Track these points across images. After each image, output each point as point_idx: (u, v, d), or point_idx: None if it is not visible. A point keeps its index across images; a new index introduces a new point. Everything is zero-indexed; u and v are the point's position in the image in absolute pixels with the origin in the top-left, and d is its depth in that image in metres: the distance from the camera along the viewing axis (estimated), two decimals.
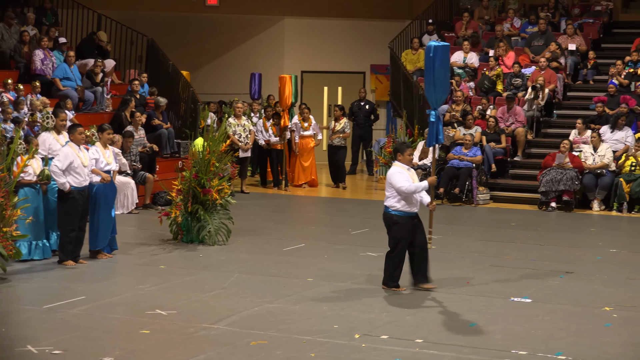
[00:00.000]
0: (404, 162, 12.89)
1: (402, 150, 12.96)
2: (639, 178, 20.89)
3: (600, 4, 27.56)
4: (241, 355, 10.03)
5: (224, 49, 29.92)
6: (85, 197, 14.46)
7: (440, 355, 10.15)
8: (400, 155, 12.93)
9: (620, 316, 11.95)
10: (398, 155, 12.98)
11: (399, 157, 12.93)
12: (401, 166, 12.80)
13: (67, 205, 14.25)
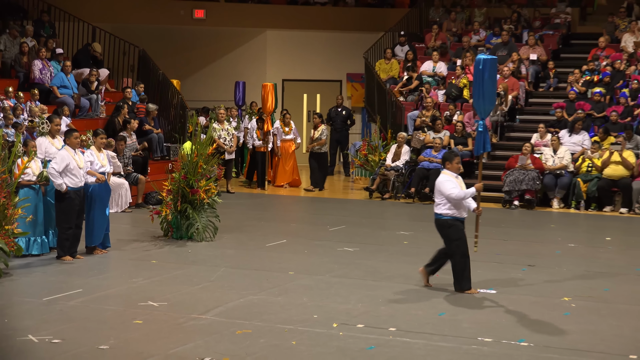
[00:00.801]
0: (453, 170, 12.61)
1: (451, 159, 12.71)
2: (595, 178, 20.99)
3: (559, 16, 27.65)
4: (227, 344, 10.04)
5: (210, 59, 29.91)
6: (81, 197, 14.47)
7: (412, 342, 10.18)
8: (449, 164, 12.67)
9: (578, 306, 12.00)
10: (447, 164, 12.71)
11: (448, 165, 12.68)
12: (450, 174, 12.54)
13: (64, 205, 14.26)
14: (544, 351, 9.97)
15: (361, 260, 14.83)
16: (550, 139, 21.88)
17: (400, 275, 13.73)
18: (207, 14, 28.18)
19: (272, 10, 29.14)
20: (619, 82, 23.83)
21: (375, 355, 9.72)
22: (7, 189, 13.24)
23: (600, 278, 13.75)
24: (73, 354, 9.62)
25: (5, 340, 10.10)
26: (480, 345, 10.12)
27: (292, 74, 29.56)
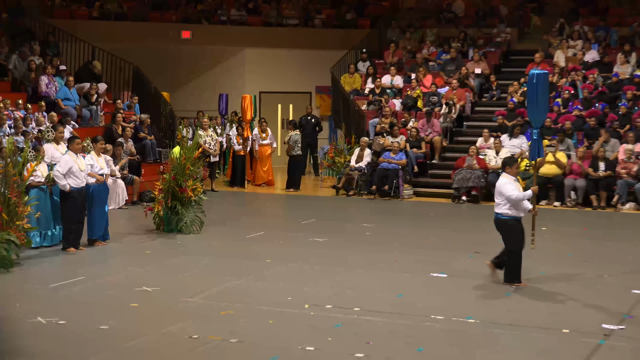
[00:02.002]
0: (512, 174, 12.20)
1: (511, 164, 12.34)
2: (532, 176, 21.04)
3: (500, 36, 27.73)
4: (212, 323, 10.04)
5: (196, 74, 29.83)
6: (83, 195, 14.45)
7: (374, 320, 10.21)
8: (508, 168, 12.24)
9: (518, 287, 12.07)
10: (507, 168, 12.27)
11: (507, 169, 12.24)
12: (509, 177, 12.14)
13: (68, 203, 14.26)
14: (489, 327, 10.02)
15: (329, 250, 14.84)
16: (493, 142, 21.96)
17: (363, 262, 13.74)
18: (193, 34, 28.10)
19: (250, 31, 29.08)
20: (552, 93, 23.93)
21: (342, 332, 9.74)
22: (18, 189, 13.22)
23: (537, 263, 13.79)
24: (77, 334, 9.60)
25: (17, 322, 10.08)
26: (433, 322, 10.16)
27: (268, 86, 29.52)
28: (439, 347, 9.22)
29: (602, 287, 12.17)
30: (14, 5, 26.02)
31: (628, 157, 20.56)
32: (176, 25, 28.12)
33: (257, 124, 24.79)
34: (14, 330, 9.76)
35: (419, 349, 9.14)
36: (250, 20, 29.38)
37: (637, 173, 20.31)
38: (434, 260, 13.83)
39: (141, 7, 28.34)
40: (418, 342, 9.40)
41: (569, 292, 11.83)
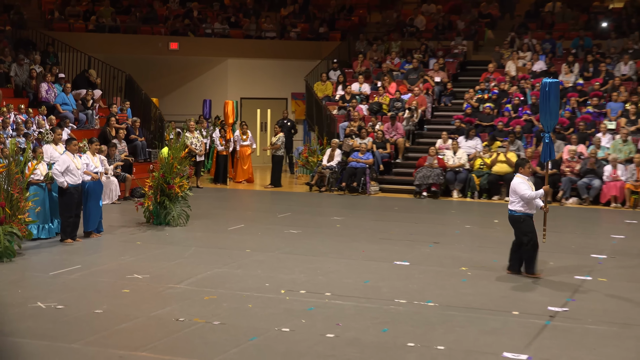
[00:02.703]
0: (525, 174, 12.00)
1: (523, 165, 12.13)
2: (486, 174, 21.17)
3: (457, 47, 27.80)
4: (197, 307, 10.03)
5: (183, 82, 29.75)
6: (79, 192, 14.45)
7: (343, 304, 10.23)
8: (521, 169, 12.03)
9: (473, 274, 12.12)
10: (520, 169, 12.06)
11: (521, 170, 12.03)
12: (523, 177, 11.92)
13: (66, 198, 14.26)
14: (446, 309, 10.06)
15: (303, 240, 14.85)
16: (450, 143, 22.03)
17: (334, 251, 13.76)
18: (180, 46, 28.03)
19: (232, 43, 29.03)
20: (504, 99, 24.06)
21: (315, 314, 9.75)
22: (20, 186, 13.18)
23: (490, 252, 13.87)
24: (74, 317, 9.57)
25: (19, 306, 10.04)
26: (396, 306, 10.19)
27: (248, 93, 29.46)
28: (401, 328, 9.25)
29: (548, 273, 12.23)
30: (16, 18, 25.90)
31: (571, 157, 20.70)
32: (165, 38, 28.03)
33: (239, 127, 24.75)
34: (16, 313, 9.72)
35: (384, 330, 9.17)
36: (232, 33, 29.33)
37: (579, 171, 20.45)
38: (398, 250, 13.87)
39: (133, 21, 28.25)
40: (383, 323, 9.43)
41: (518, 278, 11.90)
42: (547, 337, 9.00)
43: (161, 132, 24.08)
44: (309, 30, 30.34)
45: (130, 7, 29.01)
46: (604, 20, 27.67)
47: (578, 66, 24.89)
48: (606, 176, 20.19)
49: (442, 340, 8.79)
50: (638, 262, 13.24)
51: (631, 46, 25.40)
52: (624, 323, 9.58)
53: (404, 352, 8.39)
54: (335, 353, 8.32)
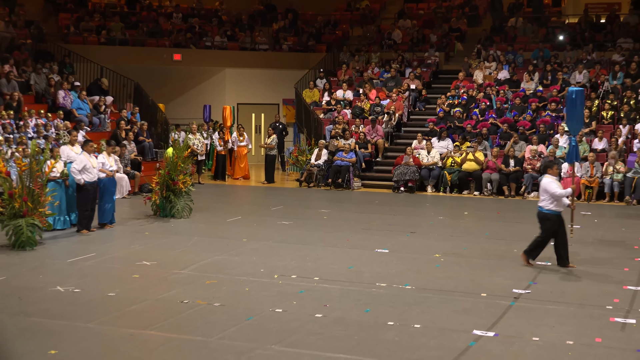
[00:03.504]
0: (553, 174, 11.68)
1: (552, 166, 11.81)
2: (456, 171, 21.20)
3: (430, 58, 27.83)
4: (199, 290, 10.02)
5: (185, 89, 29.67)
6: (94, 187, 14.48)
7: (330, 287, 10.24)
8: (550, 170, 11.72)
9: (445, 260, 12.14)
10: (548, 170, 11.74)
11: (549, 171, 11.71)
12: (552, 177, 11.62)
13: (83, 194, 14.29)
14: (422, 292, 10.08)
15: (294, 231, 14.85)
16: (425, 144, 22.05)
17: (321, 240, 13.77)
18: (183, 57, 27.94)
19: (230, 54, 28.96)
20: (472, 104, 24.10)
21: (304, 296, 9.75)
22: (40, 182, 13.17)
23: (460, 240, 13.90)
24: (89, 299, 9.56)
25: (40, 290, 10.03)
26: (377, 289, 10.21)
27: (244, 99, 29.42)
28: (382, 308, 9.25)
29: (512, 259, 12.27)
30: (36, 32, 25.80)
31: (533, 156, 20.75)
32: (169, 50, 27.94)
33: (236, 129, 24.73)
34: (38, 296, 9.71)
35: (367, 310, 9.17)
36: (229, 45, 29.26)
37: (540, 168, 20.49)
38: (378, 239, 13.88)
39: (140, 35, 28.15)
40: (365, 304, 9.44)
41: (486, 264, 11.94)
42: (512, 316, 9.03)
43: (166, 134, 24.03)
44: (298, 43, 30.32)
45: (138, 22, 28.91)
46: (560, 34, 27.73)
47: (538, 75, 24.94)
48: (564, 173, 20.22)
49: (419, 320, 8.80)
50: (592, 249, 13.30)
51: (585, 57, 25.47)
52: (580, 303, 9.62)
53: (385, 330, 8.40)
54: (323, 331, 8.33)
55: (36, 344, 7.85)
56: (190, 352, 7.67)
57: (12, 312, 8.98)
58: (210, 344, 7.88)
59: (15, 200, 12.81)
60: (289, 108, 29.48)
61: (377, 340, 8.06)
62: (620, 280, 10.89)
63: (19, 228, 12.67)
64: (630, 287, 10.50)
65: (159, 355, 7.63)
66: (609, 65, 24.73)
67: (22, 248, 12.62)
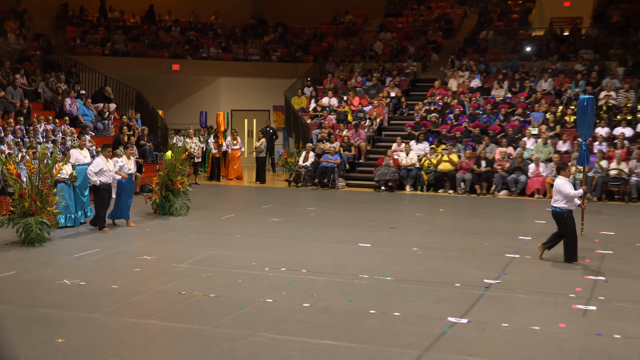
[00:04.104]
0: (566, 176, 11.53)
1: (565, 169, 11.67)
2: (433, 171, 21.24)
3: (409, 68, 27.86)
4: (196, 282, 10.00)
5: (183, 97, 29.61)
6: (110, 188, 14.47)
7: (317, 279, 10.24)
8: (563, 172, 11.58)
9: (423, 253, 12.16)
10: (562, 172, 11.60)
11: (562, 172, 11.58)
12: (565, 179, 11.47)
13: (100, 194, 14.26)
14: (401, 283, 10.09)
15: (283, 227, 14.84)
16: (404, 146, 22.08)
17: (308, 236, 13.77)
18: (181, 67, 27.88)
19: (224, 64, 28.90)
20: (447, 110, 24.15)
21: (293, 287, 9.75)
22: (48, 183, 13.12)
23: (436, 235, 13.93)
24: (94, 292, 9.52)
25: (49, 283, 9.98)
26: (360, 280, 10.21)
27: (237, 106, 29.37)
28: (364, 298, 9.26)
29: (484, 252, 12.31)
30: (45, 45, 25.70)
31: (502, 157, 20.81)
32: (168, 60, 27.88)
33: (230, 134, 24.70)
34: (46, 289, 9.66)
35: (350, 300, 9.18)
36: (224, 56, 29.21)
37: (508, 168, 20.56)
38: (361, 234, 13.89)
39: (141, 47, 28.06)
40: (349, 294, 9.45)
41: (460, 256, 11.97)
42: (484, 304, 9.06)
43: (165, 138, 23.97)
44: (287, 54, 30.31)
45: (139, 35, 28.83)
46: (527, 46, 27.85)
47: (507, 83, 25.02)
48: (530, 172, 20.33)
49: (398, 308, 8.81)
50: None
51: (550, 66, 25.59)
52: (546, 292, 9.66)
53: (367, 318, 8.41)
54: (310, 319, 8.33)
55: (45, 333, 7.82)
56: (188, 339, 7.66)
57: (22, 304, 8.94)
58: (206, 332, 7.87)
59: (25, 200, 12.77)
60: (279, 114, 29.46)
61: (360, 327, 8.07)
62: (582, 271, 10.95)
63: (28, 226, 12.61)
64: (591, 277, 10.56)
65: (159, 343, 7.61)
66: (571, 74, 24.83)
67: (31, 244, 12.57)
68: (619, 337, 7.82)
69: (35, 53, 24.93)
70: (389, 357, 7.13)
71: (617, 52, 25.99)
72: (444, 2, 32.54)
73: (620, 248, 12.80)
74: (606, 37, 27.02)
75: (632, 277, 10.66)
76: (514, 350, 7.39)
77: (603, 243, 13.24)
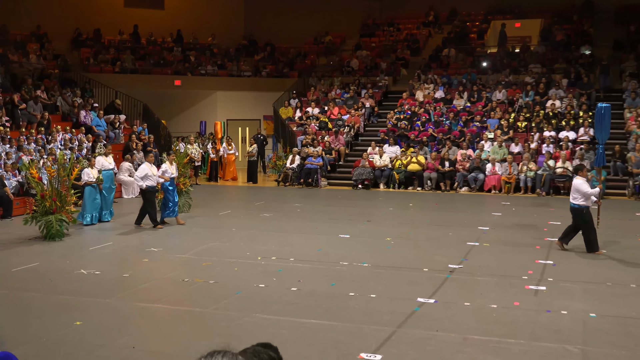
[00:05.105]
0: (583, 176, 11.17)
1: (582, 169, 11.30)
2: (403, 171, 21.27)
3: (381, 81, 27.89)
4: (196, 271, 9.96)
5: (184, 108, 29.47)
6: (155, 190, 14.18)
7: (303, 266, 10.23)
8: (580, 172, 11.21)
9: (395, 243, 12.16)
10: (579, 172, 11.22)
11: (580, 173, 11.20)
12: (582, 179, 11.11)
13: (149, 196, 14.01)
14: (376, 268, 10.10)
15: (273, 221, 14.81)
16: (377, 150, 22.10)
17: (295, 228, 13.75)
18: (182, 82, 27.76)
19: (220, 80, 28.80)
20: (414, 118, 24.18)
21: (283, 274, 9.74)
22: (66, 185, 13.01)
23: (406, 226, 13.96)
24: (108, 279, 9.47)
25: (68, 273, 9.92)
26: (340, 267, 10.21)
27: (232, 115, 29.29)
28: (345, 282, 9.27)
29: (448, 240, 12.35)
30: (62, 64, 25.53)
31: (463, 158, 20.89)
32: (171, 77, 27.75)
33: (225, 140, 24.63)
34: (66, 278, 9.59)
35: (332, 284, 9.18)
36: (220, 73, 29.11)
37: (469, 168, 20.64)
38: (341, 226, 13.89)
39: (147, 65, 27.93)
40: (331, 279, 9.45)
41: (428, 245, 11.99)
42: (448, 287, 9.09)
43: (169, 145, 23.85)
44: (275, 70, 30.26)
45: (145, 55, 28.69)
46: (484, 61, 27.96)
47: (466, 94, 25.11)
48: (488, 171, 20.42)
49: (374, 290, 8.82)
50: (511, 232, 13.43)
51: (503, 79, 25.69)
52: (502, 275, 9.71)
53: (347, 299, 8.41)
54: (298, 301, 8.32)
55: (65, 317, 7.76)
56: (191, 320, 7.63)
57: (45, 292, 8.88)
58: (206, 314, 7.84)
59: (46, 200, 12.68)
60: (269, 123, 29.39)
61: (341, 307, 8.07)
62: (533, 256, 11.02)
63: (49, 223, 12.53)
64: (541, 261, 10.63)
65: (165, 324, 7.58)
66: (522, 85, 24.96)
67: (52, 239, 12.48)
68: (566, 313, 7.88)
69: (54, 71, 24.76)
70: (367, 333, 7.13)
71: (561, 66, 26.15)
72: (411, 24, 32.61)
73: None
74: (552, 53, 27.18)
75: (576, 261, 10.74)
76: (474, 325, 7.42)
77: (551, 232, 13.33)
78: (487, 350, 6.65)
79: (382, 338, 6.98)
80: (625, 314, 7.83)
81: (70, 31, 28.35)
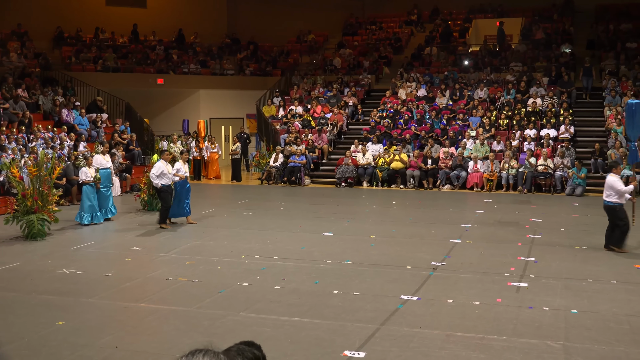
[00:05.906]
0: (617, 173, 11.05)
1: (616, 167, 11.19)
2: (386, 169, 21.31)
3: (364, 80, 27.92)
4: (181, 269, 9.91)
5: (167, 106, 29.32)
6: (171, 189, 13.98)
7: (286, 264, 10.21)
8: (614, 170, 11.10)
9: (378, 240, 12.19)
10: (613, 170, 11.10)
11: (614, 170, 11.08)
12: (616, 176, 10.99)
13: (163, 194, 13.84)
14: (360, 266, 10.11)
15: (257, 219, 14.78)
16: (361, 148, 22.12)
17: (278, 227, 13.72)
18: (165, 81, 27.59)
19: (203, 78, 28.69)
20: (397, 116, 24.24)
21: (266, 272, 9.72)
22: (47, 185, 12.89)
23: (390, 224, 13.98)
24: (90, 279, 9.40)
25: (50, 272, 9.84)
26: (324, 265, 10.21)
27: (215, 114, 29.18)
28: (328, 280, 9.26)
29: (431, 238, 12.39)
30: (44, 62, 25.31)
31: (445, 156, 20.96)
32: (153, 75, 27.58)
33: (208, 139, 24.54)
34: (48, 278, 9.51)
35: (316, 282, 9.17)
36: (202, 71, 28.99)
37: (451, 166, 20.71)
38: (325, 224, 13.89)
39: (130, 63, 27.74)
40: (315, 277, 9.44)
41: (410, 242, 12.02)
42: (432, 283, 9.11)
43: (152, 143, 23.72)
44: (258, 69, 30.18)
45: (127, 53, 28.50)
46: (466, 60, 28.07)
47: (449, 92, 25.19)
48: (470, 169, 20.51)
49: (357, 288, 8.83)
50: (493, 229, 13.49)
51: (485, 77, 25.81)
52: (484, 272, 9.75)
53: (331, 297, 8.41)
54: (281, 299, 8.30)
55: (47, 316, 7.69)
56: (175, 319, 7.58)
57: (26, 291, 8.79)
58: (190, 313, 7.80)
59: (28, 200, 12.56)
60: (252, 121, 29.32)
61: (325, 305, 8.07)
62: (515, 253, 11.08)
63: (30, 222, 12.42)
64: (523, 258, 10.69)
65: (149, 323, 7.53)
66: (503, 83, 25.09)
67: (33, 239, 12.37)
68: (547, 309, 7.93)
69: (35, 70, 24.55)
70: (350, 331, 7.13)
71: (542, 64, 26.32)
72: (393, 23, 32.68)
73: (548, 233, 12.98)
74: (532, 51, 27.35)
75: (558, 258, 10.81)
76: (457, 322, 7.44)
77: (533, 229, 13.41)
78: (470, 347, 6.68)
79: (366, 335, 6.98)
80: (606, 310, 7.89)
81: (52, 30, 28.11)
